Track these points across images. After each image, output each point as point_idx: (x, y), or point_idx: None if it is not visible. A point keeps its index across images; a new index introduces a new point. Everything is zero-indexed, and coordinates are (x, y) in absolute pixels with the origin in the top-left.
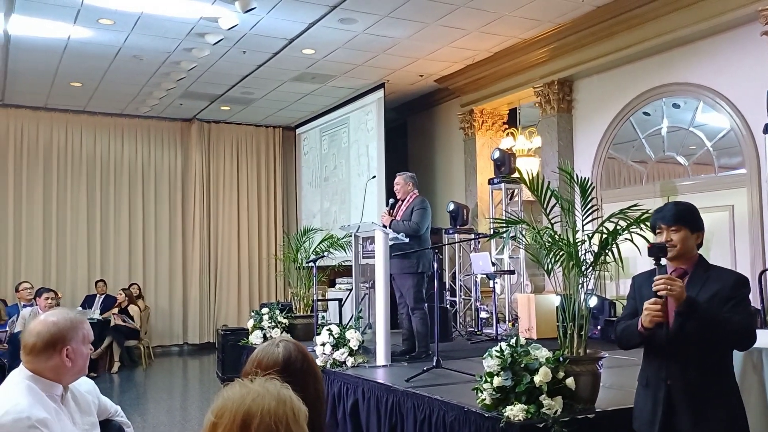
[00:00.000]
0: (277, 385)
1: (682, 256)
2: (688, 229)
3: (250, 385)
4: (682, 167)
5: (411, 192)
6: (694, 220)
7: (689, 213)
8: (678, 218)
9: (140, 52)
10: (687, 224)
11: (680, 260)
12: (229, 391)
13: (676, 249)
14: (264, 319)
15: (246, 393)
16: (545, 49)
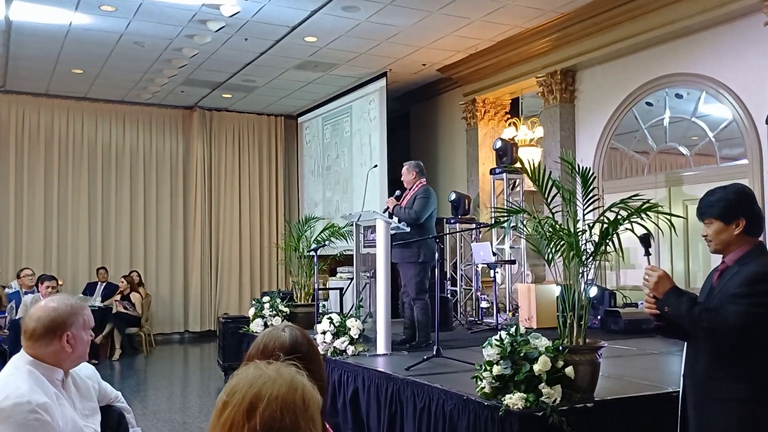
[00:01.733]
0: (292, 371)
1: (724, 250)
2: (720, 221)
3: (265, 369)
4: (685, 158)
5: (416, 181)
6: (728, 209)
7: (720, 203)
8: (706, 211)
9: (142, 38)
10: (718, 216)
11: (726, 254)
12: (244, 371)
13: (712, 243)
14: (265, 307)
15: (258, 375)
16: (548, 39)
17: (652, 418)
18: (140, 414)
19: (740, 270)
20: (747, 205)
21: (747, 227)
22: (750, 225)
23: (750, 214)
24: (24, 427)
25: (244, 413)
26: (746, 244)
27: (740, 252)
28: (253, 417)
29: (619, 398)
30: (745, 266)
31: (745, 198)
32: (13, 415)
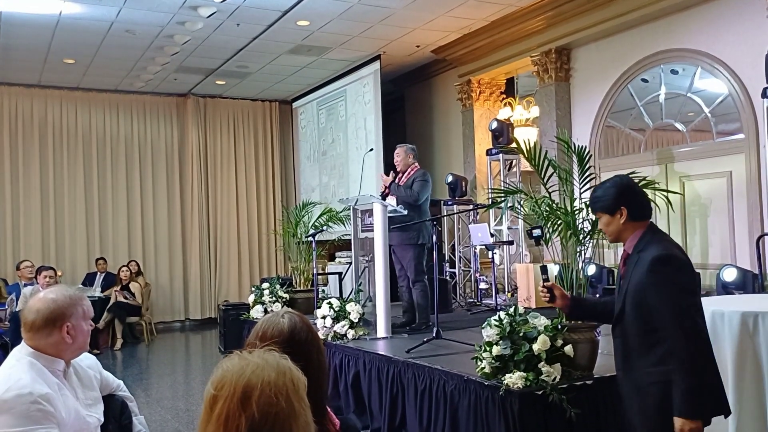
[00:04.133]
0: (276, 356)
1: (619, 238)
2: (606, 213)
3: (249, 357)
4: (681, 134)
5: (411, 164)
6: (608, 201)
7: (601, 197)
8: (593, 207)
9: (133, 26)
10: (602, 209)
11: (623, 241)
12: (228, 363)
13: (606, 235)
14: (265, 293)
15: (245, 365)
16: (542, 17)
17: None
18: (144, 402)
19: (640, 258)
20: (626, 195)
21: (630, 214)
22: (633, 212)
23: (630, 202)
24: (26, 418)
25: (239, 403)
26: (638, 229)
27: (635, 238)
28: (249, 406)
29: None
30: (643, 253)
31: (623, 188)
32: (15, 406)
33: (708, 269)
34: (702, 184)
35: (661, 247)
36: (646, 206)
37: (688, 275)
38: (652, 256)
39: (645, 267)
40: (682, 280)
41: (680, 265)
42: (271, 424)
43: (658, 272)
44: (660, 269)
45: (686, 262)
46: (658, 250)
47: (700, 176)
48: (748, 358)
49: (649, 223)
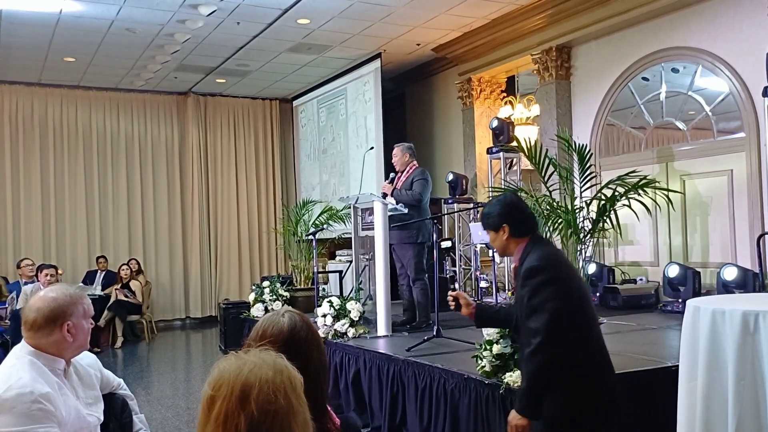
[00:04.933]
0: (272, 355)
1: (505, 252)
2: (491, 230)
3: (246, 357)
4: (681, 132)
5: (409, 163)
6: (492, 219)
7: (486, 215)
8: (482, 224)
9: (133, 24)
10: (487, 227)
11: (510, 255)
12: (224, 363)
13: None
14: (265, 292)
15: (242, 364)
16: (543, 16)
17: (651, 393)
18: (144, 400)
19: (521, 268)
20: (507, 213)
21: (512, 231)
22: (514, 229)
23: (511, 220)
24: (27, 417)
25: (237, 403)
26: (521, 243)
27: (519, 252)
28: (248, 404)
29: (619, 373)
30: (522, 265)
31: (505, 207)
32: (16, 406)
33: (708, 268)
34: (702, 182)
35: (533, 258)
36: (527, 223)
37: (557, 286)
38: (524, 267)
39: (521, 278)
40: (547, 290)
41: (549, 275)
42: (270, 422)
43: (527, 283)
44: (528, 281)
45: (558, 272)
46: (530, 262)
47: (700, 175)
48: (748, 357)
49: (533, 236)
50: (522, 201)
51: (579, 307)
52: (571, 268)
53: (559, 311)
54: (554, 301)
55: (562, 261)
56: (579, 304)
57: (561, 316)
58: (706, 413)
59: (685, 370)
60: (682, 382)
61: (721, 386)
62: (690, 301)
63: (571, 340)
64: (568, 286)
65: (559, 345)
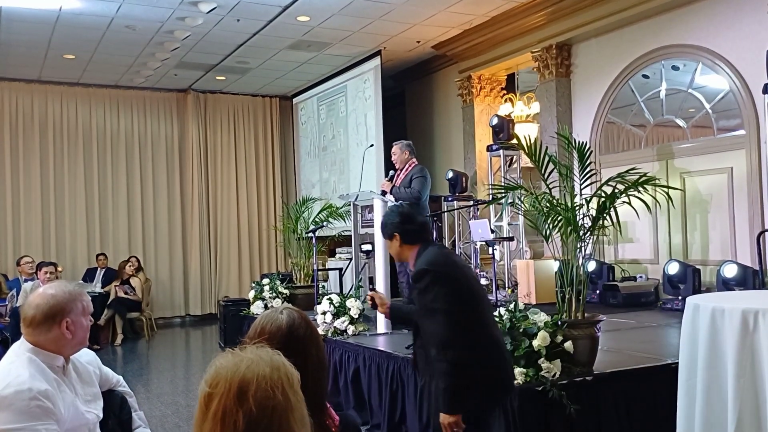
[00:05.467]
0: (269, 352)
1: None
2: (387, 239)
3: (242, 353)
4: (681, 130)
5: (408, 160)
6: (386, 229)
7: (382, 225)
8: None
9: (133, 21)
10: (383, 235)
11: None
12: (221, 360)
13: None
14: (265, 289)
15: (239, 361)
16: (543, 13)
17: (651, 391)
18: (144, 398)
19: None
20: (398, 224)
21: (403, 239)
22: (405, 238)
23: (401, 230)
24: (26, 414)
25: (235, 399)
26: (413, 250)
27: (413, 257)
28: (246, 401)
29: (618, 371)
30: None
31: (397, 218)
32: (14, 403)
33: (708, 265)
34: (702, 180)
35: (421, 261)
36: (419, 233)
37: (444, 285)
38: (414, 271)
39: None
40: (435, 290)
41: (434, 277)
42: (269, 417)
43: (416, 286)
44: (417, 284)
45: (444, 272)
46: (418, 265)
47: (700, 172)
48: (748, 355)
49: (425, 243)
50: (414, 212)
51: (468, 304)
52: (460, 269)
53: (448, 311)
54: (442, 301)
55: (450, 262)
56: (468, 301)
57: (451, 315)
58: (705, 411)
59: (685, 368)
60: (682, 380)
61: (721, 384)
62: (690, 299)
63: (465, 335)
64: (455, 285)
65: (458, 343)
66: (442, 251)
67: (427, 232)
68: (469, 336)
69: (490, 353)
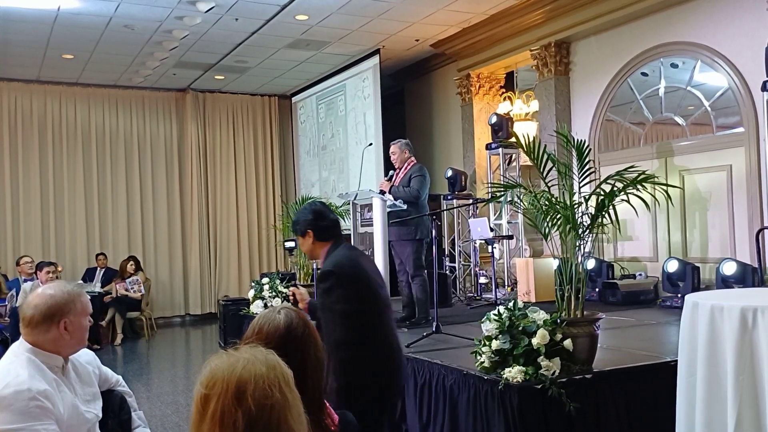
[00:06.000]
0: (263, 351)
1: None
2: (299, 236)
3: (237, 354)
4: (680, 128)
5: (407, 159)
6: (299, 226)
7: (294, 222)
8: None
9: (131, 21)
10: (295, 232)
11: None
12: (216, 361)
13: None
14: (264, 288)
15: (235, 361)
16: (541, 11)
17: (650, 388)
18: (144, 397)
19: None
20: (311, 221)
21: (316, 236)
22: (317, 234)
23: (314, 227)
24: (25, 414)
25: (234, 400)
26: (325, 248)
27: (323, 255)
28: (245, 401)
29: (618, 369)
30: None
31: (310, 215)
32: (14, 403)
33: (707, 263)
34: (702, 177)
35: (329, 262)
36: (330, 229)
37: (347, 288)
38: (320, 271)
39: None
40: (337, 292)
41: (338, 280)
42: (268, 416)
43: (320, 285)
44: (320, 284)
45: (349, 275)
46: (324, 266)
47: (699, 170)
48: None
49: (337, 241)
50: (327, 209)
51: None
52: (366, 272)
53: (347, 313)
54: (343, 303)
55: (357, 265)
56: (368, 305)
57: (349, 318)
58: (705, 408)
59: (684, 366)
60: (681, 378)
61: (720, 382)
62: (689, 297)
63: (361, 338)
64: (358, 288)
65: (353, 344)
66: (350, 253)
67: (338, 229)
68: (365, 338)
69: (384, 357)
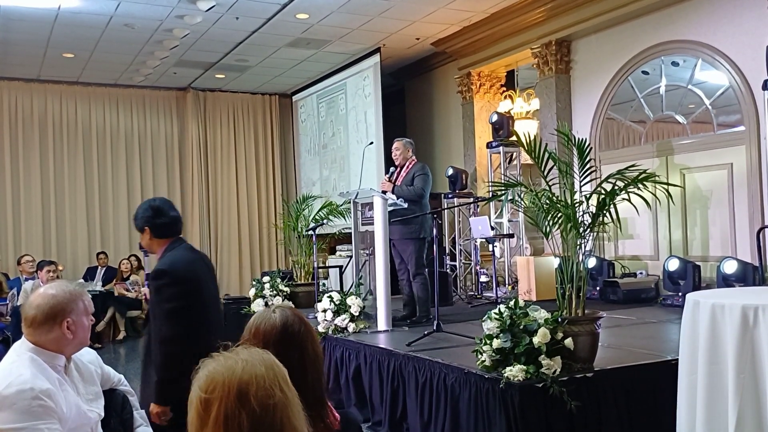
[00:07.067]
0: (258, 352)
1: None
2: (138, 230)
3: (233, 356)
4: (681, 126)
5: (410, 158)
6: (138, 221)
7: (134, 218)
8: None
9: (132, 20)
10: (136, 227)
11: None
12: (213, 364)
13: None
14: (265, 287)
15: (234, 363)
16: (542, 9)
17: (651, 386)
18: None
19: None
20: (149, 218)
21: (153, 233)
22: (155, 231)
23: (152, 224)
24: (28, 413)
25: (236, 402)
26: (163, 245)
27: (160, 252)
28: (248, 402)
29: (619, 367)
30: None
31: (149, 211)
32: (16, 402)
33: (708, 261)
34: (702, 176)
35: (162, 261)
36: (168, 227)
37: (177, 288)
38: (154, 268)
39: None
40: (168, 291)
41: (170, 279)
42: (272, 415)
43: (152, 283)
44: (153, 282)
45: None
46: (158, 264)
47: (700, 168)
48: (748, 351)
49: (175, 238)
50: (168, 206)
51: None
52: (198, 273)
53: (174, 311)
54: (173, 302)
55: (190, 266)
56: (196, 306)
57: (176, 316)
58: (706, 407)
59: (685, 364)
60: (682, 376)
61: (721, 380)
62: (689, 295)
63: (187, 333)
64: (188, 289)
65: (177, 340)
66: (185, 254)
67: (177, 227)
68: (189, 337)
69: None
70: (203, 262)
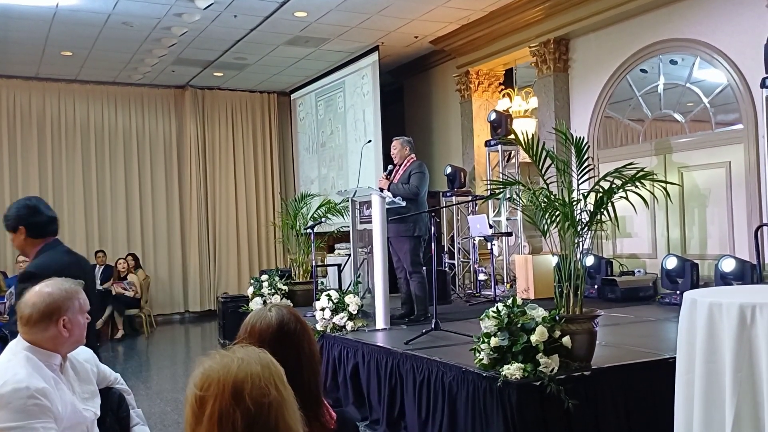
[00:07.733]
0: (255, 350)
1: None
2: (10, 231)
3: (229, 354)
4: (679, 124)
5: (408, 156)
6: (10, 221)
7: (5, 217)
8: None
9: (130, 18)
10: (6, 227)
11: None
12: (209, 362)
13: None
14: (264, 285)
15: (229, 361)
16: (540, 8)
17: (648, 385)
18: (144, 394)
19: None
20: (24, 217)
21: (29, 233)
22: (31, 231)
23: (27, 223)
24: (23, 412)
25: (231, 400)
26: (37, 246)
27: (33, 254)
28: (242, 400)
29: (617, 366)
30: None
31: (24, 211)
32: (12, 401)
33: (706, 260)
34: (701, 174)
35: (33, 263)
36: (45, 226)
37: None
38: (24, 269)
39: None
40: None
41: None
42: (266, 414)
43: (20, 285)
44: (20, 284)
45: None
46: (28, 266)
47: (698, 167)
48: (745, 349)
49: (50, 240)
50: (43, 205)
51: None
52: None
53: None
54: None
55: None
56: None
57: None
58: (703, 405)
59: (683, 363)
60: (680, 375)
61: (719, 378)
62: (687, 294)
63: None
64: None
65: None
66: (61, 257)
67: (53, 227)
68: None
69: None
70: (79, 267)
